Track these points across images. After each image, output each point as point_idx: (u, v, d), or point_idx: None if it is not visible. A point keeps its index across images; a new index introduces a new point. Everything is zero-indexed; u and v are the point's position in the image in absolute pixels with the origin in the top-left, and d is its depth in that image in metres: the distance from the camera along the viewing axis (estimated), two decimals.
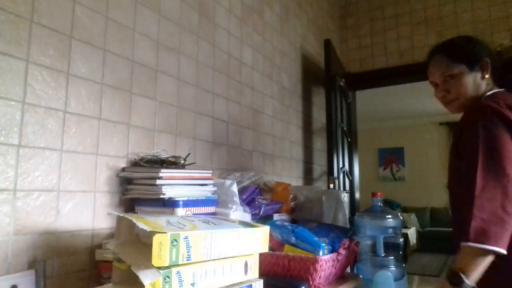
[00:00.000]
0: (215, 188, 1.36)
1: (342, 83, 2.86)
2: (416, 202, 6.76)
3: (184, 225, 0.78)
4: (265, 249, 0.91)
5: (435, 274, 4.87)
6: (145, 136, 1.37)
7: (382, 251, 1.95)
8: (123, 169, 1.26)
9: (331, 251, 1.29)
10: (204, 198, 1.27)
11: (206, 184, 1.31)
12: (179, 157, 1.28)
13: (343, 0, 3.54)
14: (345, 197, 2.10)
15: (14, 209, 0.96)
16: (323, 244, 1.25)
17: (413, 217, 6.51)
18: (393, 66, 3.20)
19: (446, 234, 6.17)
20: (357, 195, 3.26)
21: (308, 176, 2.71)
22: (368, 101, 5.07)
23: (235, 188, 1.43)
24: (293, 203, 1.72)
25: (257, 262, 0.90)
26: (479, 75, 1.13)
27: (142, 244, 0.76)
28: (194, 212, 1.20)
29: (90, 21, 1.20)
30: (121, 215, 0.83)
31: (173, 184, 1.18)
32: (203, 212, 1.24)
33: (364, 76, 3.32)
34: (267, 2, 2.31)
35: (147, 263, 0.68)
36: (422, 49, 3.08)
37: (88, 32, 1.19)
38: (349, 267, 1.49)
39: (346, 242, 1.37)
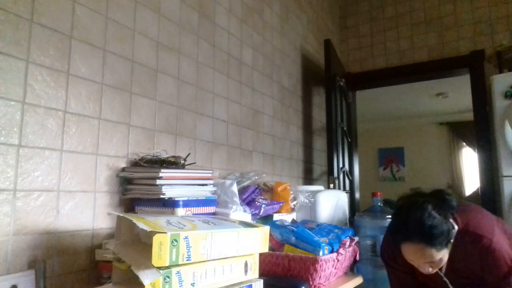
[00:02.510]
0: (215, 188, 1.36)
1: (342, 83, 2.86)
2: None
3: (184, 225, 0.78)
4: (265, 249, 0.91)
5: None
6: (145, 136, 1.37)
7: None
8: (123, 169, 1.26)
9: (331, 251, 1.29)
10: (204, 198, 1.27)
11: (206, 184, 1.31)
12: (179, 157, 1.27)
13: (343, 0, 3.54)
14: (345, 197, 2.10)
15: (14, 209, 0.96)
16: (323, 244, 1.25)
17: None
18: (393, 66, 3.20)
19: None
20: (357, 195, 3.26)
21: (308, 176, 2.71)
22: (368, 101, 5.07)
23: (235, 188, 1.43)
24: (293, 203, 1.72)
25: (257, 262, 0.90)
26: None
27: (142, 244, 0.77)
28: (194, 212, 1.20)
29: (90, 21, 1.20)
30: (121, 215, 0.83)
31: (173, 184, 1.18)
32: (203, 212, 1.24)
33: (364, 76, 3.32)
34: (267, 2, 2.30)
35: (147, 263, 0.68)
36: (422, 49, 3.08)
37: (88, 32, 1.19)
38: (349, 267, 1.49)
39: (346, 242, 1.37)
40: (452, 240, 1.20)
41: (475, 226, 1.23)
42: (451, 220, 1.22)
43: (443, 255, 1.19)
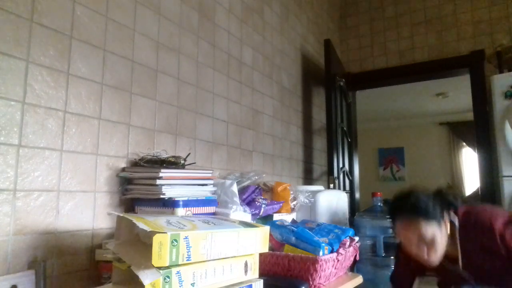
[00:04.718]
0: (215, 188, 1.36)
1: (342, 83, 2.86)
2: None
3: (184, 225, 0.78)
4: (265, 249, 0.91)
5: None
6: (145, 136, 1.37)
7: (382, 251, 1.95)
8: (123, 169, 1.26)
9: (331, 251, 1.29)
10: (204, 198, 1.27)
11: (206, 184, 1.31)
12: (179, 157, 1.27)
13: (343, 0, 3.54)
14: (345, 197, 2.10)
15: (14, 209, 0.96)
16: (323, 244, 1.25)
17: None
18: (393, 66, 3.20)
19: None
20: (357, 195, 3.26)
21: (308, 176, 2.71)
22: (368, 101, 5.07)
23: (235, 188, 1.43)
24: (293, 203, 1.72)
25: (257, 262, 0.90)
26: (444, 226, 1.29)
27: (142, 244, 0.77)
28: (194, 212, 1.20)
29: (90, 21, 1.20)
30: (121, 215, 0.83)
31: (173, 184, 1.18)
32: (203, 212, 1.24)
33: (364, 76, 3.32)
34: (267, 2, 2.30)
35: (147, 263, 0.68)
36: (422, 49, 3.08)
37: (88, 32, 1.19)
38: (349, 267, 1.49)
39: (346, 242, 1.37)
40: (449, 226, 1.26)
41: (475, 217, 1.28)
42: (452, 213, 1.29)
43: (434, 231, 1.23)
